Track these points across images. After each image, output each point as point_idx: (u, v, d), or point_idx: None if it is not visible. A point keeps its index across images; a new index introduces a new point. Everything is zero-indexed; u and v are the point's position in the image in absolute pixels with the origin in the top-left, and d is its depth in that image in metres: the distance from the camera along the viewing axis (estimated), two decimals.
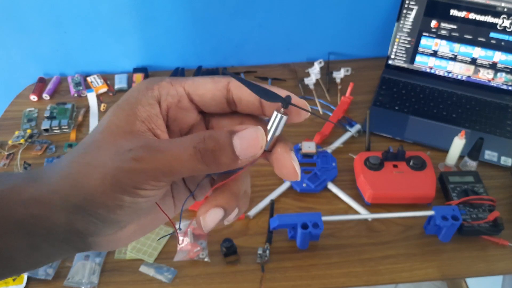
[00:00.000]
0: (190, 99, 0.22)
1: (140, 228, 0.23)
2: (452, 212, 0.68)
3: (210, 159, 0.20)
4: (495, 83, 0.97)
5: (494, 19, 0.92)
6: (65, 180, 0.20)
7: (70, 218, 0.20)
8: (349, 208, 0.77)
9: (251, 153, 0.20)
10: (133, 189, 0.20)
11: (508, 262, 0.69)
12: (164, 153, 0.20)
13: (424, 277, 0.68)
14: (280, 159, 0.21)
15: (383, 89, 0.99)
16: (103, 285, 0.67)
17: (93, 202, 0.20)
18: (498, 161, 0.84)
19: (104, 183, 0.19)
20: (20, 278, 0.69)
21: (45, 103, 1.00)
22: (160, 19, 1.01)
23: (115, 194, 0.20)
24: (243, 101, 0.22)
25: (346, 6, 1.02)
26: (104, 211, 0.20)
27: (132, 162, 0.19)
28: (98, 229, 0.21)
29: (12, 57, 1.05)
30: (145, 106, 0.21)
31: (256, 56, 1.09)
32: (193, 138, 0.20)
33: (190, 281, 0.68)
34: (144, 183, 0.20)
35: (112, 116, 0.21)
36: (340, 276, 0.68)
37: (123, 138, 0.20)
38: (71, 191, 0.20)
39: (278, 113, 0.20)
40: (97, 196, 0.20)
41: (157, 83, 0.22)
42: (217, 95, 0.22)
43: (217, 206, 0.22)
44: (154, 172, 0.20)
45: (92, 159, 0.20)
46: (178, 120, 0.23)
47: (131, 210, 0.20)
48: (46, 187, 0.20)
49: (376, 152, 0.81)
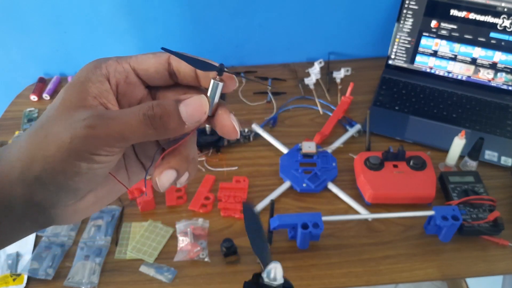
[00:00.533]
0: (136, 74, 0.24)
1: (98, 200, 0.25)
2: (452, 212, 0.68)
3: (159, 124, 0.22)
4: (495, 83, 0.97)
5: (494, 19, 0.92)
6: (24, 154, 0.21)
7: (29, 190, 0.21)
8: (349, 208, 0.77)
9: (197, 118, 0.23)
10: (88, 155, 0.21)
11: (508, 262, 0.69)
12: (116, 120, 0.21)
13: (424, 277, 0.68)
14: (221, 120, 0.24)
15: (383, 89, 0.99)
16: (103, 285, 0.68)
17: (52, 170, 0.21)
18: (498, 161, 0.84)
19: (61, 151, 0.21)
20: (20, 278, 0.69)
21: (45, 103, 1.01)
22: (160, 19, 1.01)
23: (72, 161, 0.21)
24: (181, 73, 0.24)
25: (346, 6, 1.02)
26: (62, 178, 0.21)
27: (86, 129, 0.21)
28: (57, 199, 0.22)
29: (13, 57, 1.05)
30: (95, 83, 0.23)
31: (256, 56, 1.10)
32: (143, 106, 0.22)
33: (190, 281, 0.68)
34: (98, 148, 0.21)
35: (65, 94, 0.23)
36: (340, 276, 0.68)
37: (76, 111, 0.22)
38: (30, 164, 0.21)
39: (215, 81, 0.23)
40: (55, 165, 0.21)
41: (105, 62, 0.24)
42: (160, 68, 0.24)
43: (170, 168, 0.23)
44: (107, 138, 0.21)
45: (48, 132, 0.21)
46: (127, 95, 0.24)
47: (88, 177, 0.22)
48: (3, 164, 0.22)
49: (376, 152, 0.81)
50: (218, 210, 0.77)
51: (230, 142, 0.89)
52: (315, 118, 0.95)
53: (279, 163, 0.83)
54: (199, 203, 0.78)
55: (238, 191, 0.79)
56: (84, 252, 0.71)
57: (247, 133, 0.90)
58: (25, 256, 0.72)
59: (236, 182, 0.81)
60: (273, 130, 0.92)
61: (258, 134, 0.90)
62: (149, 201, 0.77)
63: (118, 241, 0.73)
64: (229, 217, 0.76)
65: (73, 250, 0.72)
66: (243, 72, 1.07)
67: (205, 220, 0.74)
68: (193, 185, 0.81)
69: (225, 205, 0.77)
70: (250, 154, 0.87)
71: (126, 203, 0.79)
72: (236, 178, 0.81)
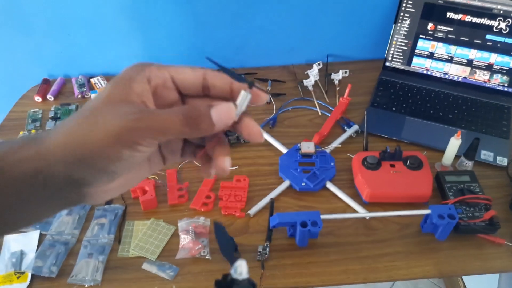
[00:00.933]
0: (173, 81, 0.28)
1: (126, 182, 0.28)
2: (448, 211, 0.69)
3: (194, 124, 0.25)
4: (491, 84, 0.99)
5: (490, 21, 0.93)
6: (71, 136, 0.25)
7: (70, 169, 0.24)
8: (347, 206, 0.78)
9: (225, 121, 0.26)
10: (132, 144, 0.24)
11: (504, 260, 0.70)
12: (159, 116, 0.25)
13: (421, 274, 0.69)
14: (249, 126, 0.28)
15: (381, 90, 1.01)
16: (107, 282, 0.69)
17: (97, 154, 0.24)
18: (494, 160, 0.85)
19: (109, 138, 0.24)
20: (24, 276, 0.70)
21: (49, 104, 1.02)
22: (162, 21, 1.03)
23: (117, 147, 0.24)
24: (217, 87, 0.28)
25: (344, 9, 1.04)
26: (105, 162, 0.25)
27: (134, 122, 0.24)
28: (94, 179, 0.25)
29: (17, 58, 1.06)
30: (139, 83, 0.26)
31: (256, 58, 1.11)
32: (182, 107, 0.26)
33: (191, 278, 0.69)
34: (142, 139, 0.24)
35: (111, 89, 0.26)
36: (339, 274, 0.69)
37: (122, 105, 0.25)
38: (76, 146, 0.24)
39: (245, 92, 0.26)
40: (102, 149, 0.24)
41: (148, 67, 0.27)
42: (195, 81, 0.28)
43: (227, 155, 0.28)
44: (151, 131, 0.25)
45: (97, 120, 0.25)
46: (162, 97, 0.28)
47: (127, 163, 0.25)
48: (49, 143, 0.25)
49: (373, 152, 0.82)
50: (219, 209, 0.78)
51: (230, 142, 0.90)
52: (314, 119, 0.97)
53: (278, 163, 0.85)
54: (200, 202, 0.79)
55: (238, 190, 0.80)
56: (88, 250, 0.72)
57: None
58: (29, 254, 0.73)
59: (236, 181, 0.82)
60: (272, 131, 0.93)
61: None
62: (151, 200, 0.78)
63: (121, 239, 0.74)
64: (229, 215, 0.77)
65: (76, 248, 0.73)
66: (243, 74, 1.08)
67: (206, 219, 0.75)
68: (194, 184, 0.82)
69: (226, 204, 0.78)
70: (250, 153, 0.89)
71: (128, 202, 0.80)
72: (236, 177, 0.83)
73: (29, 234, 0.76)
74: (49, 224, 0.77)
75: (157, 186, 0.82)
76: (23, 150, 0.24)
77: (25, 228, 0.67)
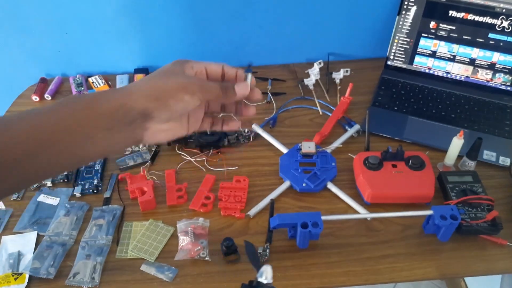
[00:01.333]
0: (206, 71, 0.43)
1: (169, 129, 0.41)
2: (450, 211, 0.68)
3: (225, 92, 0.42)
4: (493, 84, 0.98)
5: (493, 20, 0.92)
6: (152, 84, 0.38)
7: (147, 103, 0.37)
8: (348, 207, 0.77)
9: (243, 92, 0.43)
10: (192, 93, 0.39)
11: (506, 262, 0.69)
12: (209, 83, 0.41)
13: (423, 276, 0.68)
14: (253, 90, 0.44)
15: (382, 89, 1.00)
16: (105, 284, 0.68)
17: (169, 95, 0.38)
18: (496, 161, 0.84)
19: (178, 87, 0.38)
20: (22, 277, 0.69)
21: (47, 103, 1.01)
22: (161, 20, 1.02)
23: (182, 93, 0.38)
24: (229, 74, 0.45)
25: (345, 8, 1.03)
26: (172, 101, 0.38)
27: (195, 80, 0.40)
28: (159, 114, 0.37)
29: (14, 57, 1.06)
30: (188, 69, 0.41)
31: (256, 57, 1.10)
32: (219, 82, 0.43)
33: (191, 280, 0.68)
34: (198, 91, 0.39)
35: (172, 65, 0.40)
36: (340, 275, 0.68)
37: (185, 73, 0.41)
38: (156, 89, 0.38)
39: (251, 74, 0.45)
40: (172, 92, 0.38)
41: (189, 60, 0.42)
42: (218, 70, 0.44)
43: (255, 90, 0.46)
44: (203, 88, 0.40)
45: (170, 77, 0.39)
46: None
47: (183, 107, 0.39)
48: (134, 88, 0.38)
49: (375, 152, 0.81)
50: (218, 210, 0.77)
51: (230, 142, 0.89)
52: (315, 118, 0.96)
53: (279, 163, 0.84)
54: (199, 203, 0.78)
55: (238, 190, 0.80)
56: (86, 251, 0.72)
57: (247, 133, 0.91)
58: (26, 255, 0.72)
59: (236, 182, 0.81)
60: (273, 130, 0.93)
61: (258, 134, 0.91)
62: (150, 201, 0.77)
63: (119, 240, 0.74)
64: (229, 216, 0.77)
65: (74, 249, 0.72)
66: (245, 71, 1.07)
67: (205, 220, 0.75)
68: (193, 184, 0.82)
69: (226, 205, 0.77)
70: (250, 154, 0.88)
71: (127, 203, 0.80)
72: (236, 178, 0.82)
73: (26, 235, 0.75)
74: (46, 225, 0.76)
75: (156, 187, 0.81)
76: (112, 92, 0.36)
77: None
